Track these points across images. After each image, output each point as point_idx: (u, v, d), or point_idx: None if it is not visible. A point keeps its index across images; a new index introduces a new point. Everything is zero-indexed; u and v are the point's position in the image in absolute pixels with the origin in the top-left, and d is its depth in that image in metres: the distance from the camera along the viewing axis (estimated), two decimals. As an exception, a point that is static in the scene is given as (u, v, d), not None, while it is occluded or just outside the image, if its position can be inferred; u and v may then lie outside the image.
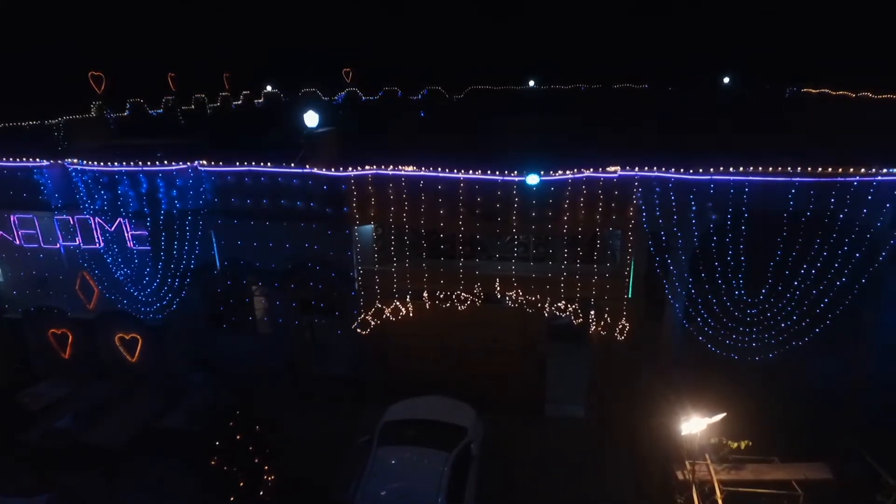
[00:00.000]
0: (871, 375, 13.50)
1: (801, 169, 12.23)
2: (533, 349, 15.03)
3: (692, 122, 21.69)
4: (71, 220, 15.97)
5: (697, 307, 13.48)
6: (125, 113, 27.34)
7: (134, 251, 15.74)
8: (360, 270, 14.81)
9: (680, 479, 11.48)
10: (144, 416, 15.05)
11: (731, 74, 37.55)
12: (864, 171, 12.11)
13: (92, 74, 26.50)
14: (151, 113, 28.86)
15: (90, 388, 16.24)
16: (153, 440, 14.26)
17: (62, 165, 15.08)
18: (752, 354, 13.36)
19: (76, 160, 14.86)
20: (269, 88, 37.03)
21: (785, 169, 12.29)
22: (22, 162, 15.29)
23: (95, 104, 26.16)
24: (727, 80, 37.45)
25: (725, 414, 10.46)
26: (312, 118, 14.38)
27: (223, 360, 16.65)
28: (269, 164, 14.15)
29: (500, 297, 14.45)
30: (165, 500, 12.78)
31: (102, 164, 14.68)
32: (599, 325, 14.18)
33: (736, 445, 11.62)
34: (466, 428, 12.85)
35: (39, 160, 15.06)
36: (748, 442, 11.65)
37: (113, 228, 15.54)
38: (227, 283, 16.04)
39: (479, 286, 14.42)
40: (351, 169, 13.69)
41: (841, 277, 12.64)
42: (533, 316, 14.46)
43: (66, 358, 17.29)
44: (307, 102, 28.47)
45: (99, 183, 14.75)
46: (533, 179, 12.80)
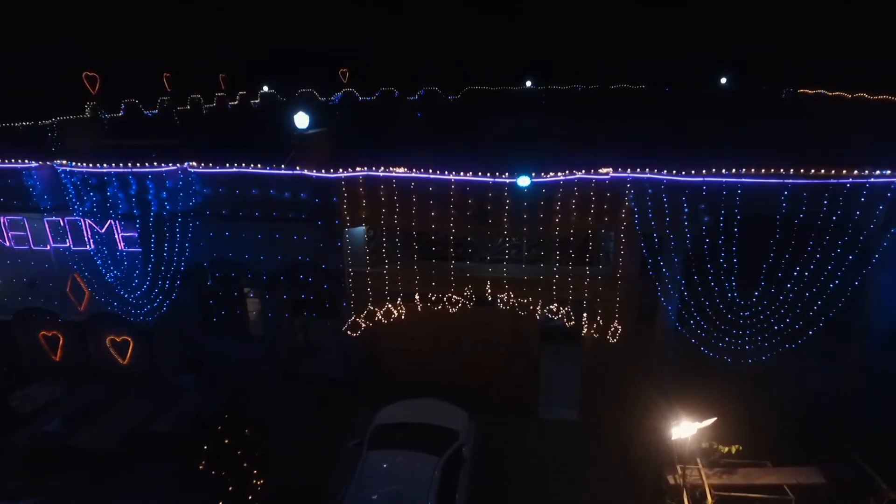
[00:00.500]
0: (863, 378, 13.40)
1: (793, 171, 12.16)
2: (526, 351, 14.95)
3: (688, 122, 21.64)
4: (61, 221, 15.88)
5: (690, 309, 13.40)
6: (120, 113, 27.24)
7: (124, 253, 15.65)
8: (350, 272, 14.74)
9: (671, 483, 11.40)
10: (134, 419, 14.94)
11: (728, 75, 37.47)
12: (856, 173, 12.03)
13: (86, 75, 26.36)
14: (147, 113, 28.75)
15: (81, 390, 16.16)
16: (143, 443, 14.13)
17: (51, 167, 14.99)
18: (745, 357, 13.27)
19: (65, 161, 14.77)
20: (265, 89, 36.93)
21: (777, 171, 12.21)
22: (10, 163, 15.20)
23: (90, 105, 26.07)
24: (724, 80, 37.37)
25: (716, 418, 10.37)
26: (303, 119, 14.33)
27: (215, 362, 16.58)
28: (258, 165, 14.09)
29: (491, 299, 14.36)
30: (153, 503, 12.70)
31: (91, 165, 14.61)
32: (592, 327, 14.10)
33: (726, 450, 11.54)
34: (458, 431, 12.75)
35: (28, 161, 14.97)
36: (738, 447, 11.56)
37: (103, 230, 15.45)
38: (217, 283, 15.94)
39: (470, 288, 14.35)
40: (341, 170, 13.61)
41: (834, 280, 12.55)
42: (526, 318, 14.38)
43: (56, 360, 17.19)
44: (301, 103, 28.36)
45: (88, 184, 14.68)
46: (524, 181, 12.72)
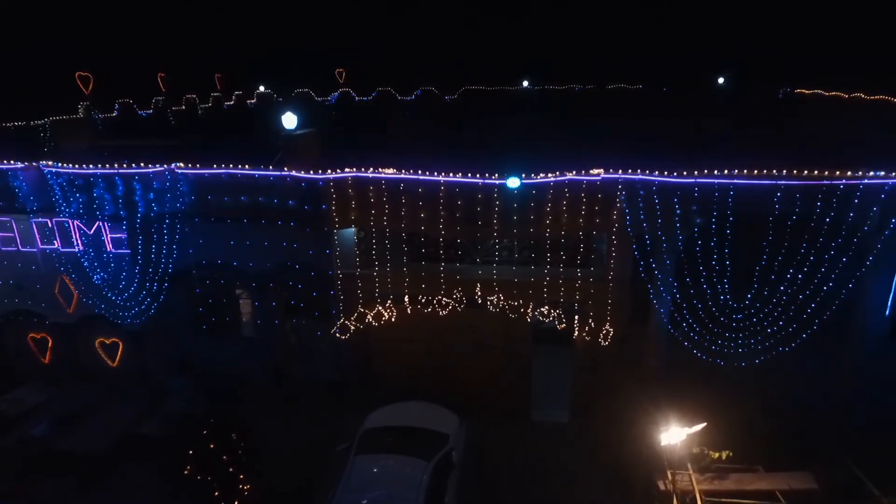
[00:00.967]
0: (857, 383, 13.26)
1: (786, 172, 12.01)
2: (518, 353, 14.81)
3: (685, 122, 21.52)
4: (49, 222, 15.67)
5: (683, 312, 13.26)
6: (114, 114, 27.08)
7: (112, 255, 15.50)
8: (339, 274, 14.59)
9: (661, 489, 11.25)
10: (123, 422, 14.78)
11: (725, 75, 37.37)
12: (850, 174, 11.87)
13: (79, 75, 26.22)
14: (141, 114, 28.60)
15: (70, 393, 16.00)
16: (131, 446, 14.00)
17: (37, 168, 14.84)
18: (737, 360, 13.12)
19: (51, 162, 14.62)
20: (262, 89, 36.79)
21: (770, 172, 12.06)
22: (-3, 164, 15.04)
23: (83, 105, 25.91)
24: (721, 80, 37.26)
25: (705, 424, 10.23)
26: (290, 120, 14.17)
27: (206, 364, 16.42)
28: (246, 166, 13.94)
29: (481, 301, 14.22)
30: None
31: (77, 166, 14.45)
32: (584, 329, 13.95)
33: (717, 456, 11.38)
34: (448, 435, 12.63)
35: (14, 162, 14.81)
36: (729, 452, 11.42)
37: (91, 231, 15.29)
38: (205, 284, 15.79)
39: (460, 290, 14.20)
40: (330, 171, 13.46)
41: (827, 282, 12.40)
42: (518, 320, 14.24)
43: (45, 363, 17.06)
44: (294, 103, 28.21)
45: (74, 185, 14.53)
46: (514, 182, 12.58)
